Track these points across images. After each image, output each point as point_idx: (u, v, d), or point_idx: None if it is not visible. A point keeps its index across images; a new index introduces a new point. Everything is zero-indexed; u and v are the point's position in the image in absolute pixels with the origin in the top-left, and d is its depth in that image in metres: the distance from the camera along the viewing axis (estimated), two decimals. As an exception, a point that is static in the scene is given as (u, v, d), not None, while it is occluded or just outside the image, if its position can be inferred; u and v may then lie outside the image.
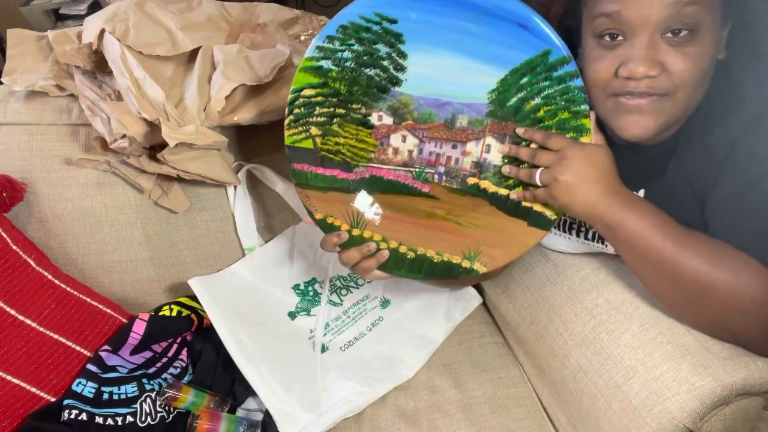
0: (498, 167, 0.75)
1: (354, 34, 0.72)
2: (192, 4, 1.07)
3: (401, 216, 0.80)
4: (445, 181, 0.77)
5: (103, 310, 0.97)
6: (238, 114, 0.95)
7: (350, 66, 0.74)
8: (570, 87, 0.70)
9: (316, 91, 0.75)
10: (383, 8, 0.71)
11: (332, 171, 0.78)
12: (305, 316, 0.99)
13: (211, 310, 0.92)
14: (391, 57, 0.73)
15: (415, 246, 0.79)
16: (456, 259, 0.79)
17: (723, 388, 0.68)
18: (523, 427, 0.88)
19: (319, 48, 0.73)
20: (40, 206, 1.01)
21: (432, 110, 0.75)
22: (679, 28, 0.67)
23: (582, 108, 0.71)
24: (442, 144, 0.76)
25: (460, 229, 0.79)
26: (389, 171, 0.78)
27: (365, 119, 0.76)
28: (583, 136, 0.72)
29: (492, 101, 0.73)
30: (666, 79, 0.69)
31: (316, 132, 0.77)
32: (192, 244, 1.06)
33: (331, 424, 0.88)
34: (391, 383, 0.94)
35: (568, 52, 0.69)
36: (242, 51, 0.97)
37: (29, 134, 1.01)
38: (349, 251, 0.78)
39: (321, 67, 0.74)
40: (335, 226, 0.79)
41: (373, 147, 0.77)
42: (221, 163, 0.98)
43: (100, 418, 0.86)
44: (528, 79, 0.71)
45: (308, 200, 0.79)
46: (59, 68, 1.03)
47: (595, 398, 0.77)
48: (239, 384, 0.92)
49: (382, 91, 0.75)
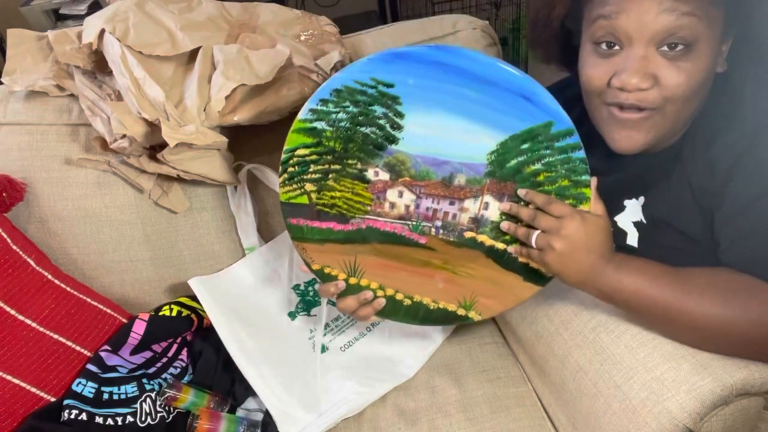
0: (496, 223, 0.75)
1: (348, 97, 0.71)
2: (192, 4, 1.07)
3: (398, 264, 0.80)
4: (442, 234, 0.77)
5: (103, 310, 0.97)
6: (238, 114, 0.95)
7: (345, 126, 0.73)
8: (572, 158, 0.69)
9: (310, 150, 0.74)
10: (379, 74, 0.69)
11: (328, 223, 0.78)
12: (305, 316, 0.99)
13: (211, 310, 0.92)
14: (387, 116, 0.72)
15: (412, 293, 0.80)
16: (452, 306, 0.80)
17: (723, 388, 0.68)
18: (523, 427, 0.88)
19: (313, 111, 0.72)
20: (40, 206, 1.01)
21: (430, 168, 0.73)
22: (675, 42, 0.66)
23: (583, 178, 0.70)
24: (440, 200, 0.75)
25: (456, 279, 0.79)
26: (385, 223, 0.77)
27: (361, 174, 0.76)
28: (582, 205, 0.70)
29: (491, 162, 0.72)
30: (656, 92, 0.68)
31: (311, 188, 0.76)
32: (192, 244, 1.06)
33: (331, 424, 0.88)
34: (391, 383, 0.94)
35: (571, 125, 0.68)
36: (242, 51, 0.97)
37: (29, 134, 1.01)
38: (346, 299, 0.80)
39: (315, 128, 0.73)
40: (332, 276, 0.80)
41: (369, 200, 0.77)
42: (221, 163, 0.98)
43: (100, 418, 0.86)
44: (529, 146, 0.70)
45: (305, 252, 0.79)
46: (59, 68, 1.03)
47: (595, 398, 0.77)
48: (239, 384, 0.92)
49: (378, 149, 0.74)
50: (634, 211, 0.82)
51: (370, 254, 0.79)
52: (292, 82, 0.99)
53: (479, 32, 1.15)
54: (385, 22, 2.70)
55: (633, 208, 0.82)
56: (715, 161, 0.72)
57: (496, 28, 2.21)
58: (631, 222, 0.83)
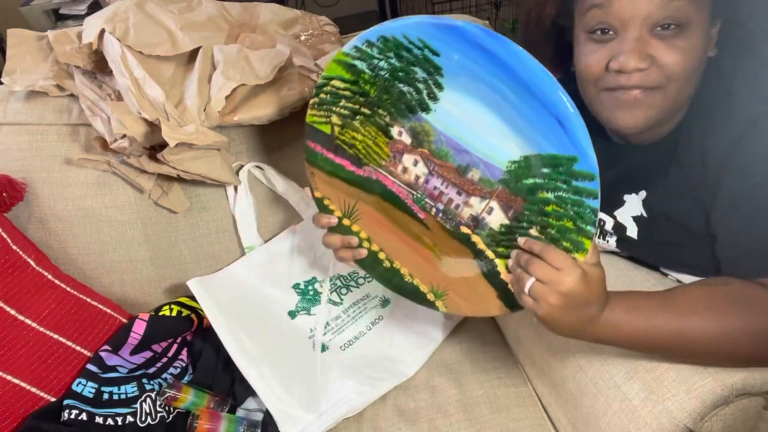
0: (493, 231, 0.72)
1: (394, 49, 0.68)
2: (192, 4, 1.07)
3: (392, 226, 0.80)
4: (441, 218, 0.76)
5: (103, 310, 0.97)
6: (238, 114, 0.95)
7: (384, 76, 0.70)
8: (584, 203, 0.64)
9: (345, 85, 0.73)
10: (428, 38, 0.66)
11: (342, 160, 0.78)
12: (305, 316, 0.99)
13: (210, 311, 0.92)
14: (427, 83, 0.69)
15: (394, 258, 0.80)
16: (423, 287, 0.80)
17: (723, 388, 0.68)
18: (523, 427, 0.88)
19: (357, 49, 0.69)
20: (40, 206, 1.01)
21: (450, 151, 0.71)
22: (668, 22, 0.67)
23: (588, 228, 0.64)
24: (449, 185, 0.73)
25: (438, 264, 0.78)
26: (393, 183, 0.77)
27: (386, 128, 0.74)
28: (578, 253, 0.65)
29: (509, 171, 0.68)
30: (657, 72, 0.69)
31: (337, 121, 0.75)
32: (192, 244, 1.06)
33: (331, 423, 0.88)
34: (391, 383, 0.94)
35: (594, 170, 0.62)
36: (242, 51, 0.97)
37: (29, 134, 1.01)
38: (333, 236, 0.81)
39: (355, 66, 0.71)
40: (330, 209, 0.80)
41: (386, 156, 0.76)
42: (221, 163, 0.98)
43: (100, 418, 0.86)
44: (549, 172, 0.65)
45: (312, 177, 0.79)
46: (59, 68, 1.03)
47: (595, 398, 0.77)
48: (239, 384, 0.92)
49: (409, 111, 0.72)
50: (634, 206, 0.83)
51: (371, 206, 0.80)
52: (292, 82, 0.99)
53: (479, 32, 1.15)
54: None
55: (632, 203, 0.83)
56: (708, 153, 0.72)
57: (496, 28, 2.21)
58: (630, 216, 0.84)
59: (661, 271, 0.87)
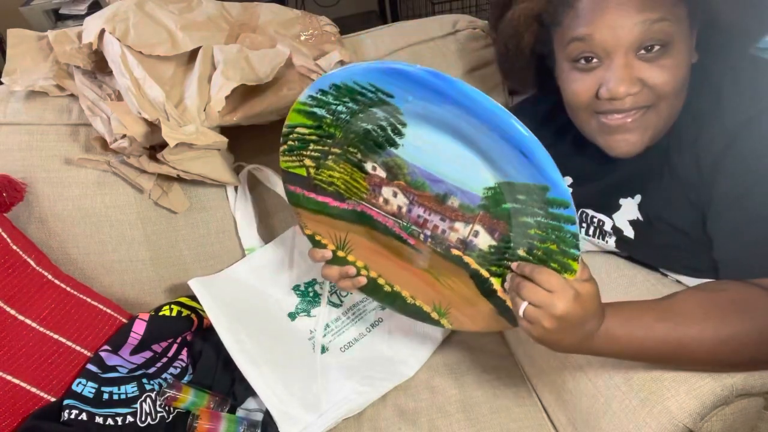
0: (483, 252, 0.71)
1: (348, 94, 0.67)
2: (192, 4, 1.07)
3: (386, 253, 0.80)
4: (431, 243, 0.75)
5: (103, 310, 0.97)
6: (238, 114, 0.95)
7: (345, 118, 0.70)
8: (563, 228, 0.62)
9: (310, 130, 0.72)
10: (379, 82, 0.65)
11: (325, 198, 0.78)
12: (305, 317, 0.99)
13: (211, 311, 0.92)
14: (389, 120, 0.68)
15: (393, 282, 0.81)
16: (426, 308, 0.81)
17: (723, 388, 0.68)
18: (523, 427, 0.88)
19: (312, 97, 0.69)
20: (40, 206, 1.01)
21: (425, 181, 0.70)
22: (651, 44, 0.67)
23: (572, 251, 0.63)
24: (431, 212, 0.72)
25: (437, 285, 0.79)
26: (379, 214, 0.77)
27: (360, 164, 0.74)
28: (567, 274, 0.64)
29: (487, 197, 0.67)
30: (647, 92, 0.69)
31: (310, 164, 0.76)
32: (192, 244, 1.06)
33: (331, 424, 0.88)
34: (391, 383, 0.94)
35: (567, 198, 0.61)
36: (242, 51, 0.97)
37: (29, 134, 1.01)
38: (331, 268, 0.82)
39: (315, 113, 0.71)
40: (322, 244, 0.81)
41: (366, 190, 0.76)
42: (221, 163, 0.98)
43: (100, 418, 0.86)
44: (525, 198, 0.64)
45: (299, 216, 0.80)
46: (59, 68, 1.03)
47: (595, 398, 0.77)
48: (239, 384, 0.92)
49: (378, 147, 0.71)
50: (630, 210, 0.83)
51: (362, 236, 0.80)
52: (292, 82, 0.99)
53: (479, 32, 1.15)
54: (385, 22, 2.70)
55: (628, 207, 0.83)
56: (701, 156, 0.72)
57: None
58: (627, 220, 0.84)
59: (660, 271, 0.87)
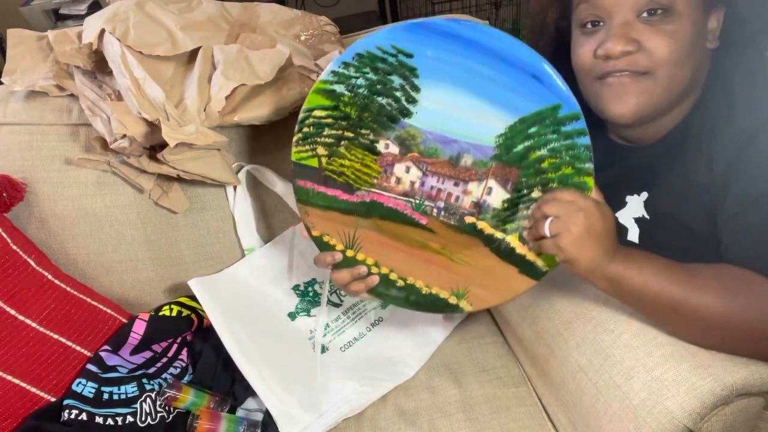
0: (497, 210, 0.75)
1: (369, 63, 0.73)
2: (192, 4, 1.07)
3: (396, 244, 0.80)
4: (443, 216, 0.78)
5: (103, 310, 0.97)
6: (238, 114, 0.95)
7: (363, 93, 0.75)
8: (576, 144, 0.70)
9: (326, 113, 0.76)
10: (400, 42, 0.72)
11: (334, 191, 0.79)
12: (305, 317, 0.99)
13: (211, 311, 0.92)
14: (404, 89, 0.74)
15: (406, 275, 0.81)
16: (444, 293, 0.80)
17: (723, 388, 0.68)
18: (523, 427, 0.88)
19: (335, 73, 0.74)
20: (40, 206, 1.01)
21: (438, 146, 0.75)
22: (653, 7, 0.69)
23: (586, 166, 0.70)
24: (444, 180, 0.76)
25: (452, 265, 0.79)
26: (389, 198, 0.78)
27: (372, 145, 0.77)
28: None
29: (499, 145, 0.73)
30: (645, 56, 0.70)
31: (323, 152, 0.78)
32: (192, 244, 1.06)
33: (331, 424, 0.88)
34: (392, 383, 0.94)
35: (578, 109, 0.69)
36: (242, 51, 0.97)
37: (29, 134, 1.01)
38: (341, 272, 0.80)
39: (334, 91, 0.75)
40: (330, 245, 0.81)
41: (376, 173, 0.78)
42: (221, 163, 0.98)
43: (100, 418, 0.86)
44: (536, 129, 0.71)
45: (307, 216, 0.80)
46: (59, 68, 1.03)
47: (595, 398, 0.77)
48: (239, 384, 0.92)
49: (391, 121, 0.76)
50: (636, 208, 0.83)
51: (371, 229, 0.80)
52: (292, 82, 0.99)
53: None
54: (385, 22, 2.70)
55: (634, 204, 0.83)
56: (713, 158, 0.72)
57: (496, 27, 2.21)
58: (632, 218, 0.84)
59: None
